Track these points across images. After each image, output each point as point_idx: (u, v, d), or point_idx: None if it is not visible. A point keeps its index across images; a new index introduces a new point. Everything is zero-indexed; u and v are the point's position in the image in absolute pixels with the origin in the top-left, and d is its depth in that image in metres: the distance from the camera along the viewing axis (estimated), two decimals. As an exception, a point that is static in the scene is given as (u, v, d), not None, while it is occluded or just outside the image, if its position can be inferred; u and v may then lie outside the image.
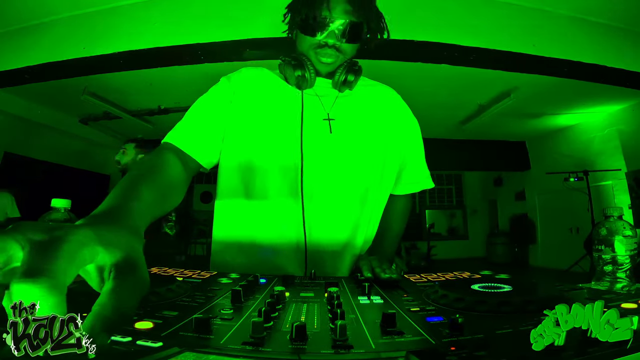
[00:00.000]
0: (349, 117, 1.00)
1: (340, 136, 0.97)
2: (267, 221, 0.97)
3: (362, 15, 0.93)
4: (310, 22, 0.92)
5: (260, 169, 0.96)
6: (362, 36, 0.96)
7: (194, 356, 0.37)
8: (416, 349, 0.39)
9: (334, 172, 0.97)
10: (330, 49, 0.94)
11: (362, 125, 1.00)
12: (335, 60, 0.96)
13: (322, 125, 0.97)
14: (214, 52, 3.39)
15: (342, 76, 0.97)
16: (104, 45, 3.42)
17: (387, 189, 1.07)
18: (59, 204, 0.86)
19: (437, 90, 5.30)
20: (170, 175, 0.79)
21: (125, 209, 0.50)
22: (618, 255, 0.78)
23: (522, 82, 4.88)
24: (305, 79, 0.96)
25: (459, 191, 11.28)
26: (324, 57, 0.95)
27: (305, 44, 0.96)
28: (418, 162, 1.12)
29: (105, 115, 6.37)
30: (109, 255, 0.37)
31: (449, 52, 3.32)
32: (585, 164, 6.33)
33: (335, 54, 0.95)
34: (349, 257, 1.00)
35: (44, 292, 0.29)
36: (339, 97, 1.01)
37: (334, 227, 0.97)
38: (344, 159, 0.97)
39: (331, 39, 0.93)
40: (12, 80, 3.90)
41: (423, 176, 1.13)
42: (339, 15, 0.91)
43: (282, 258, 0.96)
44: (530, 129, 7.30)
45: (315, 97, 1.00)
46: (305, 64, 0.96)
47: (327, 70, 0.99)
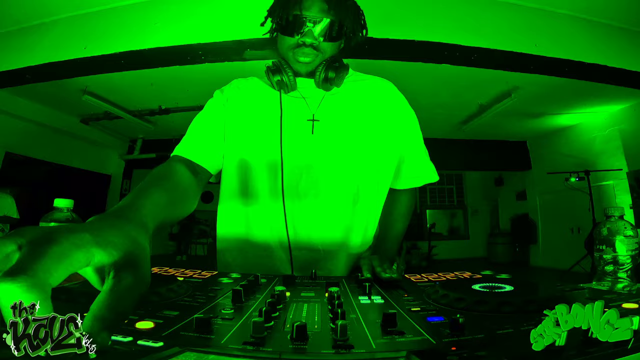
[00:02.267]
0: (335, 116, 1.00)
1: (322, 136, 0.98)
2: (257, 222, 1.00)
3: (338, 14, 0.93)
4: (287, 22, 0.93)
5: (250, 171, 0.99)
6: (340, 34, 0.96)
7: (194, 356, 0.37)
8: (417, 349, 0.39)
9: (319, 172, 0.97)
10: (307, 48, 0.95)
11: (350, 123, 1.00)
12: (313, 59, 0.96)
13: (305, 126, 0.98)
14: (215, 52, 3.39)
15: (321, 74, 0.97)
16: (104, 45, 3.43)
17: (384, 186, 1.06)
18: (61, 203, 0.87)
19: (438, 90, 5.31)
20: (180, 182, 0.81)
21: (133, 205, 0.52)
22: (619, 255, 0.78)
23: (523, 82, 4.87)
24: (284, 83, 0.97)
25: (460, 191, 11.28)
26: (301, 56, 0.96)
27: (284, 45, 0.97)
28: (418, 154, 1.09)
29: (106, 115, 6.38)
30: (107, 256, 0.37)
31: (449, 51, 3.31)
32: (587, 163, 6.32)
33: (313, 53, 0.96)
34: (344, 256, 1.00)
35: (22, 290, 0.29)
36: (326, 96, 1.01)
37: (323, 226, 0.98)
38: (327, 159, 0.98)
39: (308, 39, 0.93)
40: (13, 80, 3.91)
41: (425, 169, 1.10)
42: (315, 15, 0.92)
43: (271, 258, 0.99)
44: (531, 128, 7.30)
45: (301, 99, 1.01)
46: (282, 68, 0.97)
47: (307, 70, 0.99)
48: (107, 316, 0.33)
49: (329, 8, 0.92)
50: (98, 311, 0.33)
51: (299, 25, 0.92)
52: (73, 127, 6.69)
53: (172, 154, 0.96)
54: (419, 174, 1.10)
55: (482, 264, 9.45)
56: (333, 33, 0.94)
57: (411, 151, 1.08)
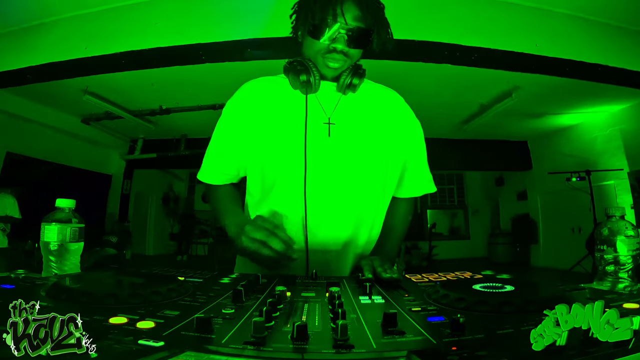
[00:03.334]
0: (350, 120, 1.01)
1: (338, 139, 0.99)
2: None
3: (371, 22, 0.94)
4: (320, 27, 0.92)
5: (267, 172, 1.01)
6: (370, 42, 0.97)
7: (195, 355, 0.37)
8: (417, 349, 0.38)
9: (333, 174, 0.99)
10: (338, 54, 0.95)
11: (363, 128, 1.02)
12: (342, 65, 0.97)
13: (321, 128, 0.99)
14: (216, 52, 3.40)
15: (347, 79, 0.98)
16: (105, 46, 3.43)
17: (390, 190, 1.08)
18: (63, 204, 0.87)
19: (438, 90, 5.30)
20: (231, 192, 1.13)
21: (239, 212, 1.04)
22: (620, 255, 0.78)
23: (523, 82, 4.87)
24: (310, 84, 0.97)
25: (461, 191, 11.27)
26: (331, 62, 0.96)
27: (313, 48, 0.97)
28: (420, 165, 1.12)
29: (107, 115, 6.39)
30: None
31: (450, 51, 3.31)
32: (588, 163, 6.32)
33: (342, 59, 0.96)
34: (351, 256, 1.02)
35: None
36: (341, 99, 1.02)
37: (335, 226, 1.00)
38: (342, 162, 0.99)
39: (340, 45, 0.93)
40: (14, 80, 3.92)
41: (425, 180, 1.13)
42: (349, 21, 0.91)
43: None
44: (532, 128, 7.29)
45: (316, 101, 1.01)
46: (310, 69, 0.97)
47: (333, 75, 1.00)
48: None
49: (363, 16, 0.92)
50: None
51: (333, 32, 0.92)
52: (74, 127, 6.70)
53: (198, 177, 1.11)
54: (420, 184, 1.13)
55: (483, 264, 9.45)
56: (364, 41, 0.95)
57: (415, 160, 1.11)
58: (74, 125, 6.68)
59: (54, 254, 0.83)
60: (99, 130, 7.19)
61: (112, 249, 7.11)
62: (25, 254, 4.87)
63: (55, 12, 3.55)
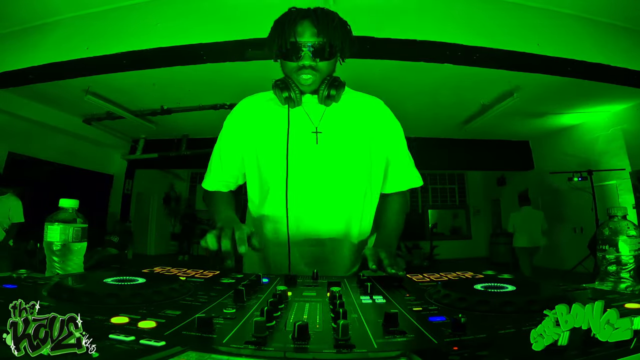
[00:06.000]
0: (335, 127, 1.14)
1: (325, 145, 1.13)
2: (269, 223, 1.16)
3: (327, 35, 1.05)
4: (286, 50, 1.06)
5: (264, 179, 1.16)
6: (332, 53, 1.08)
7: (196, 355, 0.37)
8: (418, 349, 0.38)
9: (323, 176, 1.12)
10: (307, 69, 1.07)
11: (347, 133, 1.15)
12: (314, 79, 1.09)
13: (310, 137, 1.13)
14: (216, 52, 3.40)
15: (325, 92, 1.11)
16: (107, 46, 3.44)
17: (376, 185, 1.20)
18: (67, 204, 0.87)
19: (439, 90, 5.28)
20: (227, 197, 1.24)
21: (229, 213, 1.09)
22: (622, 255, 0.78)
23: (525, 82, 4.86)
24: (292, 99, 1.11)
25: (462, 191, 11.25)
26: (303, 78, 1.08)
27: (287, 68, 1.11)
28: (402, 161, 1.23)
29: (109, 116, 6.39)
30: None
31: (451, 51, 3.31)
32: (589, 163, 6.30)
33: (312, 73, 1.08)
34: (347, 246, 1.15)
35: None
36: (326, 110, 1.15)
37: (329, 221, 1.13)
38: (329, 165, 1.12)
39: (307, 61, 1.06)
40: (16, 80, 3.93)
41: (410, 175, 1.24)
42: (307, 40, 1.04)
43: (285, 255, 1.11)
44: (534, 128, 7.27)
45: (304, 113, 1.15)
46: (290, 85, 1.11)
47: (310, 89, 1.12)
48: None
49: (319, 32, 1.04)
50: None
51: (296, 51, 1.06)
52: (75, 127, 6.70)
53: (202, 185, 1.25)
54: (404, 178, 1.24)
55: (484, 264, 9.43)
56: (325, 54, 1.06)
57: (396, 156, 1.22)
58: (75, 125, 6.68)
59: (57, 254, 0.83)
60: (101, 131, 7.19)
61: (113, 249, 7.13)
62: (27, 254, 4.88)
63: (57, 13, 3.56)
